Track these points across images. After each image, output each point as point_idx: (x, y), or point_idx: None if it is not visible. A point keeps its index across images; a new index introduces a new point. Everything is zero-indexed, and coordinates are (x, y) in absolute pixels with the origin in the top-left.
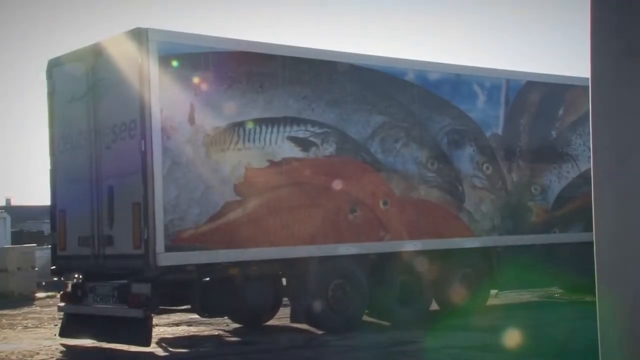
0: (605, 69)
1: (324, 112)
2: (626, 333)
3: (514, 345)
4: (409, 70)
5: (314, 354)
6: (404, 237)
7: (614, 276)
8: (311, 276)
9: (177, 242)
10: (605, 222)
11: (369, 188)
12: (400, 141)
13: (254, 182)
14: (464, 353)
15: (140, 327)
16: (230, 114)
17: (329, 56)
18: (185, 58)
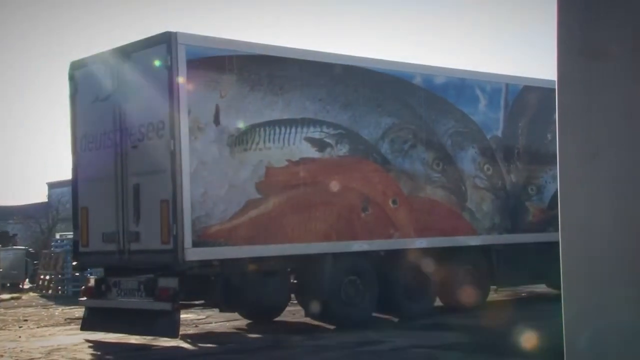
0: (570, 69)
1: (338, 114)
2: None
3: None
4: (416, 74)
5: (283, 355)
6: (412, 235)
7: (581, 276)
8: (326, 272)
9: (203, 238)
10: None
11: (379, 187)
12: (409, 142)
13: (274, 181)
14: (432, 352)
15: (169, 320)
16: (252, 115)
17: (343, 60)
18: (211, 61)
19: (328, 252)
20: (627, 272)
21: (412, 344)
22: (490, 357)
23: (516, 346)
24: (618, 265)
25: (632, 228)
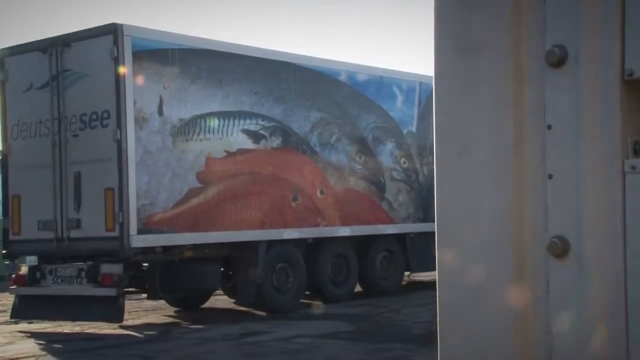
0: (446, 66)
1: (272, 107)
2: (465, 329)
3: (366, 331)
4: (342, 71)
5: (166, 347)
6: (337, 223)
7: (454, 263)
8: (260, 259)
9: (147, 225)
10: (446, 215)
11: (308, 178)
12: (335, 136)
13: (213, 171)
14: (315, 341)
15: (113, 305)
16: (193, 106)
17: (276, 56)
18: (155, 54)
19: (262, 240)
20: (496, 259)
21: (296, 334)
22: (371, 344)
23: (397, 333)
24: (489, 253)
25: (502, 219)
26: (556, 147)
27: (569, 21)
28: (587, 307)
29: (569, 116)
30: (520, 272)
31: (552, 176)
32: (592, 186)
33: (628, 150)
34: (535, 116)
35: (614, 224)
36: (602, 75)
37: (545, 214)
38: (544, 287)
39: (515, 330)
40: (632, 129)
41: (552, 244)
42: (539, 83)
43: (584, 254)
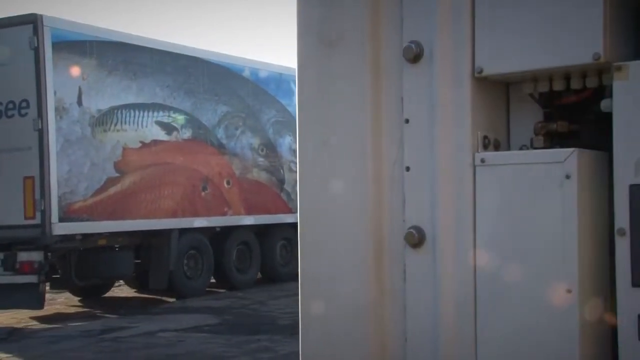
0: (308, 58)
1: (183, 100)
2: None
3: (229, 324)
4: (245, 67)
5: (17, 347)
6: (242, 212)
7: (316, 253)
8: (172, 246)
9: (68, 214)
10: (307, 205)
11: (216, 169)
12: (239, 129)
13: (129, 161)
14: (179, 335)
15: (34, 292)
16: (111, 98)
17: (187, 51)
18: (75, 45)
19: (175, 228)
20: (355, 249)
21: (159, 328)
22: (235, 336)
23: (263, 324)
24: (349, 243)
25: (362, 211)
26: (413, 140)
27: (424, 18)
28: (440, 293)
29: (424, 111)
30: (379, 262)
31: (409, 168)
32: (446, 178)
33: (478, 144)
34: (393, 110)
35: (465, 214)
36: (454, 72)
37: (402, 205)
38: (401, 275)
39: (372, 318)
40: (482, 123)
41: (409, 234)
42: (397, 78)
43: (438, 243)
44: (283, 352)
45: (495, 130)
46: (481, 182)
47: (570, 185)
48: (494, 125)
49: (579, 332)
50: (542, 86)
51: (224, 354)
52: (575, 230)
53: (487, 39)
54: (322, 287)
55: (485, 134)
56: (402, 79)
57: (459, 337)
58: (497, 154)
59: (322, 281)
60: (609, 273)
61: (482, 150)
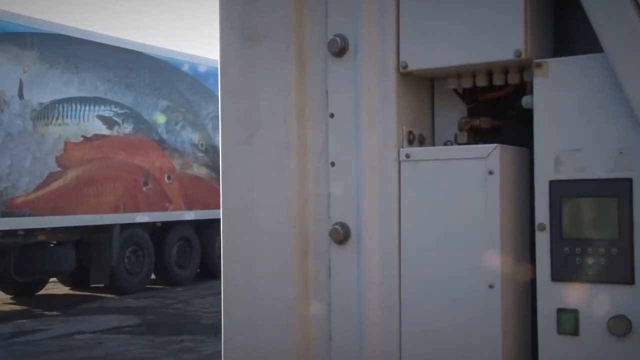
0: (231, 53)
1: (124, 94)
2: (247, 318)
3: (151, 324)
4: (185, 62)
5: None
6: (182, 207)
7: (238, 250)
8: (114, 242)
9: (10, 208)
10: (231, 201)
11: (157, 164)
12: (179, 124)
13: (71, 155)
14: (97, 337)
15: None
16: (52, 91)
17: (127, 45)
18: (15, 37)
19: (117, 223)
20: (280, 247)
21: (76, 330)
22: (157, 336)
23: (186, 324)
24: (273, 241)
25: (287, 207)
26: (338, 135)
27: (349, 12)
28: (365, 290)
29: (349, 105)
30: (304, 260)
31: (334, 164)
32: (371, 174)
33: (403, 139)
34: (318, 104)
35: (390, 210)
36: (379, 66)
37: (327, 201)
38: (326, 273)
39: (297, 317)
40: (407, 119)
41: (334, 231)
42: (322, 71)
43: (363, 240)
44: (207, 352)
45: (420, 125)
46: (406, 177)
47: (492, 181)
48: (419, 121)
49: (501, 327)
50: (465, 82)
51: (145, 356)
52: (497, 226)
53: (412, 34)
54: (244, 286)
55: (410, 129)
56: (327, 73)
57: (384, 334)
58: (421, 150)
59: (245, 280)
60: (531, 268)
61: (407, 146)
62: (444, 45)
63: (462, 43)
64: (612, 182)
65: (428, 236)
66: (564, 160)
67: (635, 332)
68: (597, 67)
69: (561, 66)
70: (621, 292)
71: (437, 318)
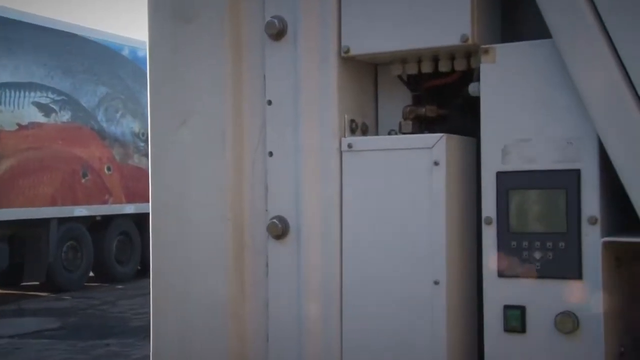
0: (162, 35)
1: (61, 80)
2: (178, 317)
3: (74, 327)
4: (125, 46)
5: None
6: (123, 200)
7: (169, 246)
8: (51, 237)
9: None
10: (162, 192)
11: (96, 154)
12: (120, 112)
13: (6, 144)
14: (15, 342)
15: None
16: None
17: (63, 26)
18: None
19: (54, 217)
20: (215, 241)
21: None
22: (81, 341)
23: (113, 327)
24: (208, 235)
25: (222, 199)
26: (276, 123)
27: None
28: (305, 287)
29: (288, 92)
30: (239, 256)
31: (272, 154)
32: (311, 164)
33: (345, 128)
34: (255, 91)
35: (331, 202)
36: (320, 50)
37: (265, 193)
38: (263, 270)
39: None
40: (349, 106)
41: (272, 225)
42: (258, 55)
43: (303, 234)
44: (135, 356)
45: (363, 113)
46: (348, 168)
47: (438, 172)
48: (361, 109)
49: (446, 325)
50: (410, 68)
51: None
52: (443, 220)
53: (354, 16)
54: (175, 284)
55: (352, 117)
56: (265, 57)
57: (325, 334)
58: (364, 139)
59: (176, 277)
60: (477, 264)
61: (349, 135)
62: (387, 29)
63: (406, 27)
64: (560, 173)
65: (371, 230)
66: (512, 150)
67: (583, 328)
68: (545, 53)
69: (509, 52)
70: (569, 287)
71: (381, 316)
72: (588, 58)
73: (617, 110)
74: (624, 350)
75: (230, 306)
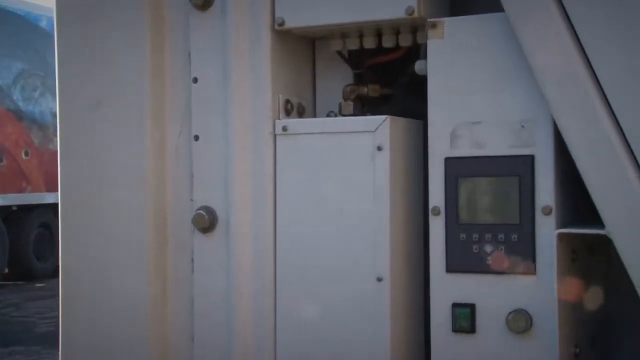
0: (69, 10)
1: None
2: (90, 318)
3: None
4: (43, 16)
5: None
6: (42, 189)
7: (81, 241)
8: None
9: None
10: (73, 179)
11: (13, 137)
12: (38, 90)
13: None
14: None
15: None
16: None
17: None
18: None
19: None
20: (131, 234)
21: None
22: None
23: (16, 332)
24: (126, 227)
25: (141, 187)
26: (202, 103)
27: None
28: (235, 284)
29: (216, 68)
30: (161, 251)
31: (198, 137)
32: (241, 149)
33: (279, 109)
34: (179, 67)
35: (264, 191)
36: (251, 22)
37: (190, 181)
38: (188, 265)
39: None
40: (284, 85)
41: (198, 216)
42: (183, 27)
43: (233, 226)
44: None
45: (299, 93)
46: (282, 154)
47: (382, 158)
48: (298, 88)
49: (390, 325)
50: (351, 43)
51: None
52: (387, 210)
53: None
54: (88, 282)
55: (287, 97)
56: (189, 30)
57: (257, 335)
58: (300, 121)
59: (89, 277)
60: (424, 258)
61: (284, 117)
62: (326, 0)
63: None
64: (513, 159)
65: (308, 222)
66: (461, 134)
67: (536, 328)
68: (498, 28)
69: (458, 26)
70: (522, 283)
71: (319, 315)
72: (542, 33)
73: (574, 90)
74: (579, 350)
75: (151, 306)
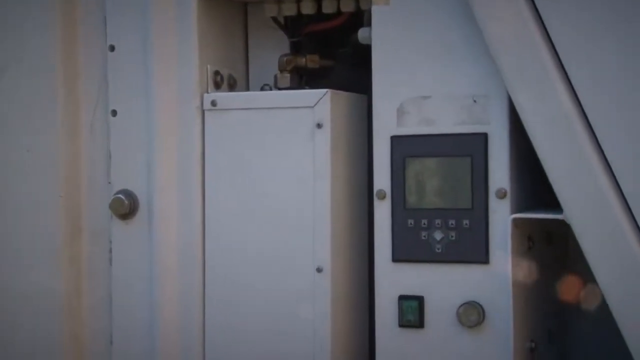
0: None
1: None
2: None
3: None
4: None
5: None
6: None
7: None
8: None
9: None
10: None
11: None
12: None
13: None
14: None
15: None
16: None
17: None
18: None
19: None
20: (36, 221)
21: None
22: None
23: None
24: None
25: (51, 168)
26: (121, 75)
27: None
28: (159, 276)
29: (136, 36)
30: (74, 240)
31: (115, 113)
32: (165, 126)
33: (208, 82)
34: (93, 33)
35: (191, 173)
36: None
37: (107, 162)
38: (105, 256)
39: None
40: (213, 55)
41: (116, 201)
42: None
43: (156, 212)
44: None
45: (230, 64)
46: (212, 131)
47: (321, 136)
48: (228, 59)
49: (330, 319)
50: (288, 9)
51: None
52: (327, 194)
53: None
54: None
55: (216, 68)
56: None
57: (183, 333)
58: (231, 95)
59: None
60: (369, 246)
61: (212, 90)
62: None
63: None
64: (465, 137)
65: (240, 207)
66: (409, 110)
67: (489, 321)
68: None
69: None
70: (474, 273)
71: (252, 311)
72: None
73: (530, 61)
74: (534, 345)
75: (63, 302)
